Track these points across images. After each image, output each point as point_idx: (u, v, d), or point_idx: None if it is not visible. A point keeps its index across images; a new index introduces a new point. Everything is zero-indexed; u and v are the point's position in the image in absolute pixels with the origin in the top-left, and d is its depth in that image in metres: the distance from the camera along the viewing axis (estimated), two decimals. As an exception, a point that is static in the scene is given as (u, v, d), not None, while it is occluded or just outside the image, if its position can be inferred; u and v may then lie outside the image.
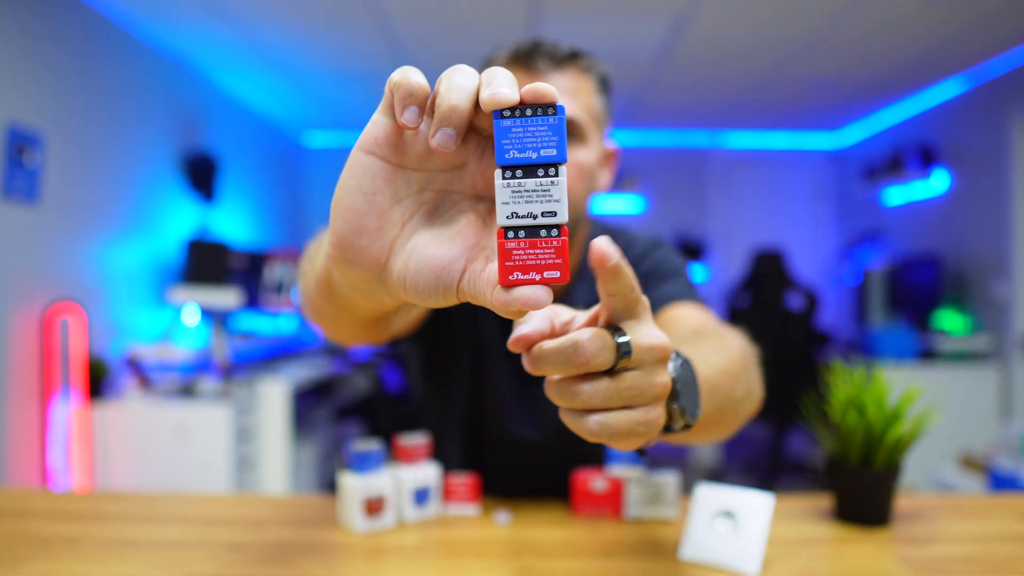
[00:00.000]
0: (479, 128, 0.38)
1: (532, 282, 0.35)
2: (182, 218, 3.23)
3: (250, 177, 4.03)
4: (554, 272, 0.35)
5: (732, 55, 3.22)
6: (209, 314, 3.16)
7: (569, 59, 0.84)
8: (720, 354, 0.67)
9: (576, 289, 0.91)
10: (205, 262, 2.95)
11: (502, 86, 0.34)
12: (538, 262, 0.35)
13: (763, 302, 3.78)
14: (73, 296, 2.44)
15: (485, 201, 0.40)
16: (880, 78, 3.54)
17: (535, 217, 0.35)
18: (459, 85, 0.35)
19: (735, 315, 3.92)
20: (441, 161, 0.39)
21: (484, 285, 0.37)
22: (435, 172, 0.39)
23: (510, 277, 0.35)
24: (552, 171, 0.35)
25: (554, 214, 0.35)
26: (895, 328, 3.78)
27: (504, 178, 0.35)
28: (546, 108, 0.35)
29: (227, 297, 2.98)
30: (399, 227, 0.39)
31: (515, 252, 0.35)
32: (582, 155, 0.83)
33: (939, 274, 3.55)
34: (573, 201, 0.80)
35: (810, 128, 4.72)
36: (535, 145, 0.35)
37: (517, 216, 0.35)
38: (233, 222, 3.76)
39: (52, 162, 2.34)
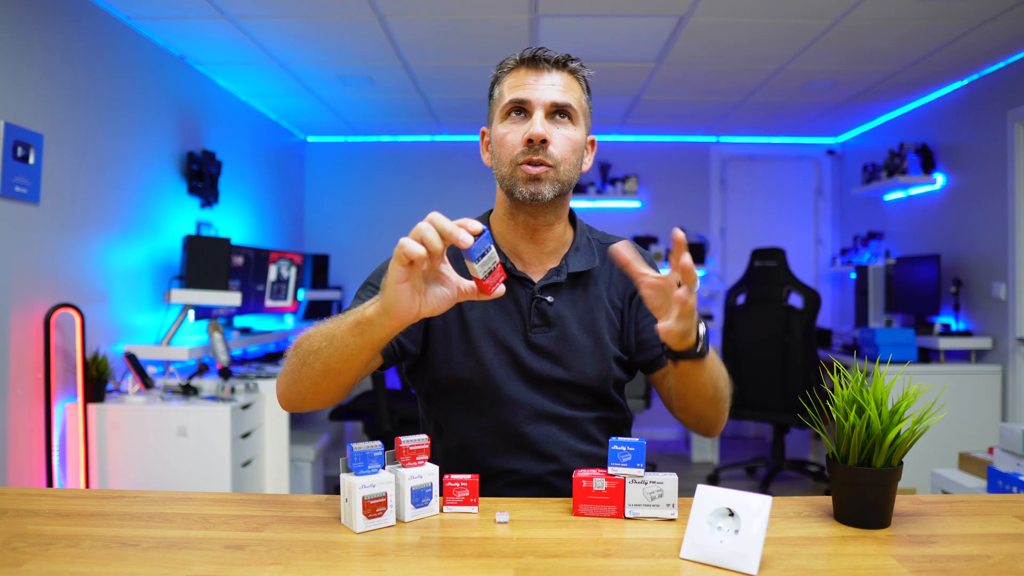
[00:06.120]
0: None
1: (496, 284, 0.82)
2: (182, 218, 3.23)
3: (250, 177, 4.03)
4: (502, 277, 0.82)
5: (732, 55, 3.21)
6: (209, 314, 3.16)
7: (564, 63, 1.04)
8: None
9: (569, 256, 1.10)
10: (205, 261, 2.95)
11: (463, 235, 0.75)
12: (496, 280, 0.82)
13: (763, 301, 3.78)
14: (73, 296, 2.44)
15: (446, 266, 0.82)
16: (880, 78, 3.54)
17: (490, 270, 0.80)
18: (433, 239, 0.75)
19: (735, 314, 3.92)
20: (429, 268, 0.80)
21: (471, 293, 0.82)
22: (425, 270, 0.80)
23: (490, 290, 0.82)
24: (491, 252, 0.80)
25: (496, 263, 0.81)
26: (895, 328, 3.78)
27: (475, 261, 0.78)
28: (480, 233, 0.77)
29: (227, 297, 2.98)
30: (420, 294, 0.80)
31: (486, 282, 0.80)
32: (574, 133, 1.03)
33: (939, 274, 3.55)
34: (566, 167, 1.03)
35: (810, 128, 4.72)
36: (480, 246, 0.78)
37: (483, 272, 0.79)
38: (233, 222, 3.76)
39: (52, 162, 2.33)
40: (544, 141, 0.98)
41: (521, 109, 1.01)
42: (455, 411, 1.09)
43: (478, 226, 0.76)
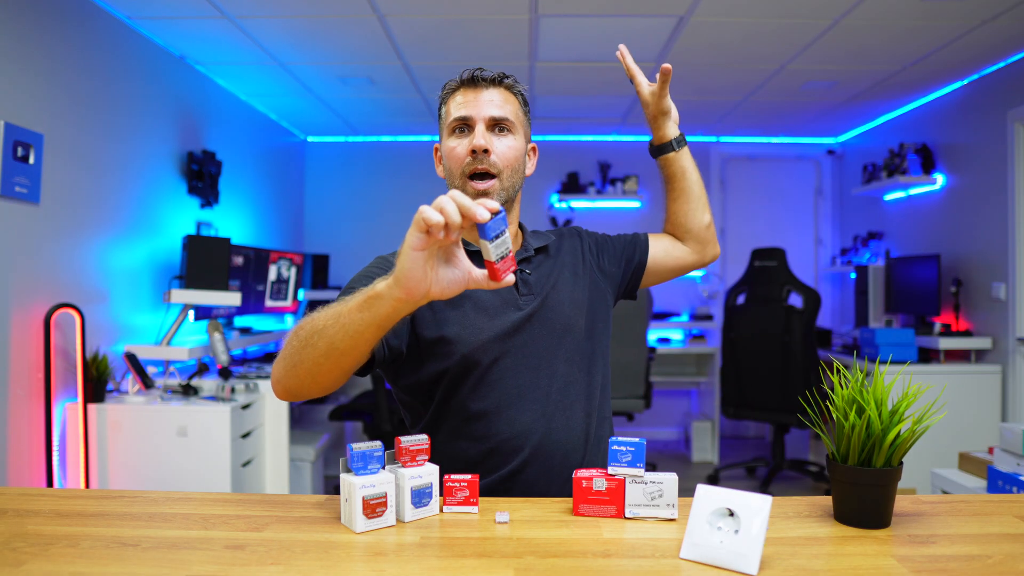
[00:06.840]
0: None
1: (508, 271, 0.81)
2: (182, 218, 3.23)
3: (250, 177, 4.03)
4: (513, 267, 0.81)
5: (732, 55, 3.21)
6: (209, 314, 3.16)
7: (500, 80, 1.16)
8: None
9: (527, 241, 1.22)
10: (205, 261, 2.95)
11: (481, 211, 0.76)
12: (507, 267, 0.81)
13: (763, 301, 3.78)
14: (73, 296, 2.44)
15: (460, 250, 0.82)
16: (880, 78, 3.54)
17: (503, 255, 0.80)
18: (452, 211, 0.75)
19: (735, 314, 3.92)
20: (444, 242, 0.78)
21: (482, 280, 0.82)
22: (440, 247, 0.81)
23: (501, 276, 0.80)
24: (505, 235, 0.79)
25: (509, 249, 0.80)
26: (895, 328, 3.78)
27: (490, 240, 0.78)
28: (497, 212, 0.78)
29: (227, 297, 2.98)
30: (432, 270, 0.80)
31: (498, 266, 0.80)
32: (513, 142, 1.15)
33: (939, 274, 3.55)
34: (508, 173, 1.14)
35: (810, 128, 4.72)
36: (496, 226, 0.78)
37: (496, 254, 0.79)
38: (233, 222, 3.76)
39: (52, 162, 2.33)
40: (486, 151, 1.10)
41: (464, 125, 1.13)
42: (454, 394, 1.10)
43: (496, 205, 0.78)
